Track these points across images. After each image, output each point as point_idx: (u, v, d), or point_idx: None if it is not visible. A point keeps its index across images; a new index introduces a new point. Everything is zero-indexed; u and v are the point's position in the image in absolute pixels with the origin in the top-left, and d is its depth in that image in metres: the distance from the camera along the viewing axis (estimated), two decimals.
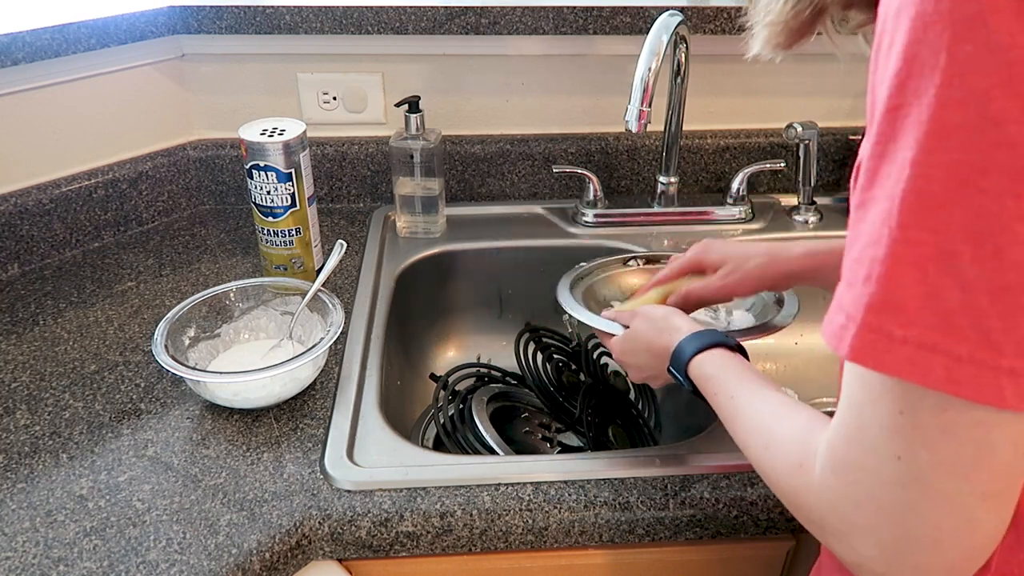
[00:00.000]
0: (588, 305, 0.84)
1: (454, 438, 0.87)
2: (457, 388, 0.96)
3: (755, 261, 0.75)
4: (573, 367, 1.01)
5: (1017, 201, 0.33)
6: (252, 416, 0.79)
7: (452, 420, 0.90)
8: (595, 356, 1.03)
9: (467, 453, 0.86)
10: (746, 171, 1.14)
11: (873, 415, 0.39)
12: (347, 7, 1.06)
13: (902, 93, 0.36)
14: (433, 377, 1.02)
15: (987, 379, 0.35)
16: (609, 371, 1.04)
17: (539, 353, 0.99)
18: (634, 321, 0.73)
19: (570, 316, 1.00)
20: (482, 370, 1.03)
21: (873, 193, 0.38)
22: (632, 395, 1.03)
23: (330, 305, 0.84)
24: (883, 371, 0.37)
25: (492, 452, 0.85)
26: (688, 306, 0.78)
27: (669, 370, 0.66)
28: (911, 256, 0.36)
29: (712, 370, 0.61)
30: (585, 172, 1.13)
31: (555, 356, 1.01)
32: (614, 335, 0.75)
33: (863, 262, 0.37)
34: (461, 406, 0.92)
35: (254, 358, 0.85)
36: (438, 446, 0.91)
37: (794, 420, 0.49)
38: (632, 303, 0.82)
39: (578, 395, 0.94)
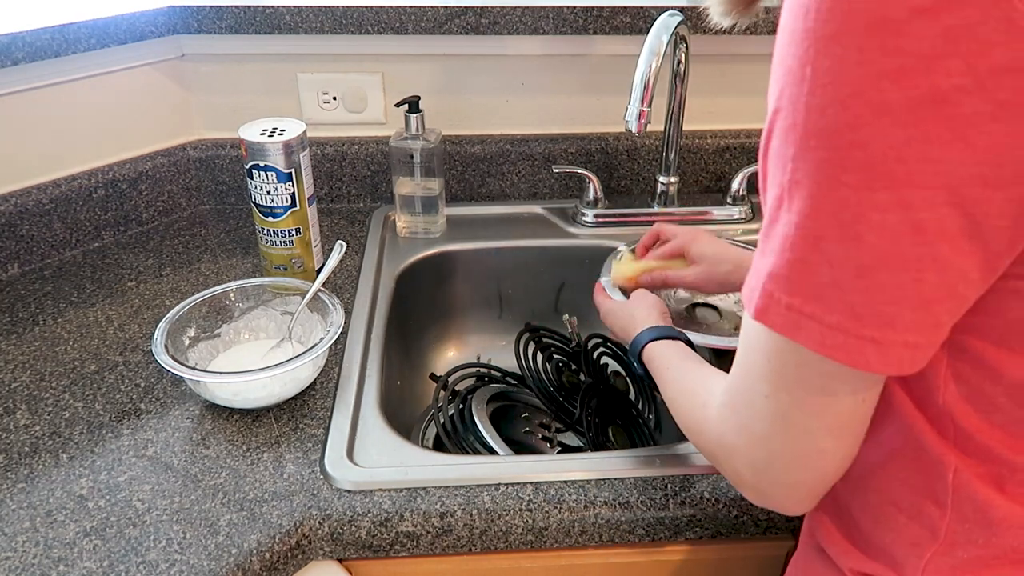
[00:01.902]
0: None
1: (454, 438, 0.87)
2: (457, 388, 0.96)
3: (723, 268, 0.87)
4: (573, 367, 1.01)
5: (871, 194, 0.38)
6: (252, 416, 0.79)
7: (452, 420, 0.90)
8: (595, 356, 1.03)
9: (467, 453, 0.86)
10: (746, 171, 1.14)
11: (754, 361, 0.47)
12: (347, 7, 1.06)
13: (781, 98, 0.41)
14: (433, 377, 1.02)
15: (854, 346, 0.41)
16: (609, 371, 1.04)
17: (539, 353, 0.99)
18: (632, 299, 0.84)
19: (569, 316, 1.00)
20: (482, 370, 1.03)
21: (768, 181, 0.44)
22: (632, 395, 1.03)
23: (330, 305, 0.84)
24: (776, 331, 0.44)
25: (492, 452, 0.85)
26: (665, 286, 0.93)
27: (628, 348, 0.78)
28: (793, 237, 0.41)
29: (657, 354, 0.71)
30: (585, 172, 1.13)
31: (555, 356, 1.01)
32: (612, 298, 0.89)
33: (766, 238, 0.44)
34: (461, 406, 0.92)
35: (254, 358, 0.85)
36: (438, 446, 0.91)
37: (707, 375, 0.60)
38: (619, 266, 0.96)
39: (578, 395, 0.94)
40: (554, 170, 1.14)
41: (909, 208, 0.38)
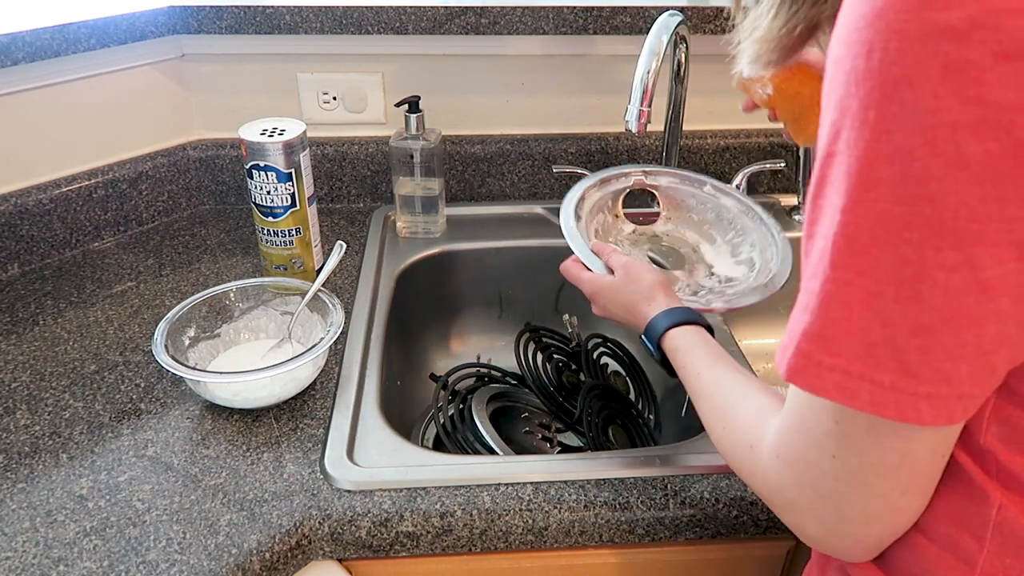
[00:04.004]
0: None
1: (454, 438, 0.87)
2: (457, 388, 0.96)
3: None
4: (573, 367, 1.01)
5: (936, 253, 0.36)
6: (252, 416, 0.79)
7: (452, 420, 0.90)
8: (595, 356, 1.03)
9: (467, 453, 0.86)
10: (746, 171, 1.14)
11: (816, 422, 0.44)
12: (347, 7, 1.06)
13: (836, 142, 0.38)
14: (433, 377, 1.02)
15: (907, 403, 0.39)
16: (609, 371, 1.04)
17: (539, 353, 0.99)
18: (620, 275, 0.76)
19: (569, 316, 1.00)
20: (482, 370, 1.03)
21: (814, 230, 0.41)
22: (632, 395, 1.03)
23: (330, 305, 0.84)
24: (812, 392, 0.42)
25: (492, 452, 0.85)
26: None
27: (641, 337, 0.71)
28: (841, 294, 0.39)
29: (682, 344, 0.66)
30: (585, 172, 1.13)
31: (555, 356, 1.01)
32: (591, 271, 0.79)
33: (805, 292, 0.42)
34: (461, 406, 0.92)
35: (254, 358, 0.85)
36: (438, 446, 0.91)
37: (750, 402, 0.54)
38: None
39: (578, 395, 0.94)
40: (554, 170, 1.14)
41: (976, 268, 0.36)
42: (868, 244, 0.38)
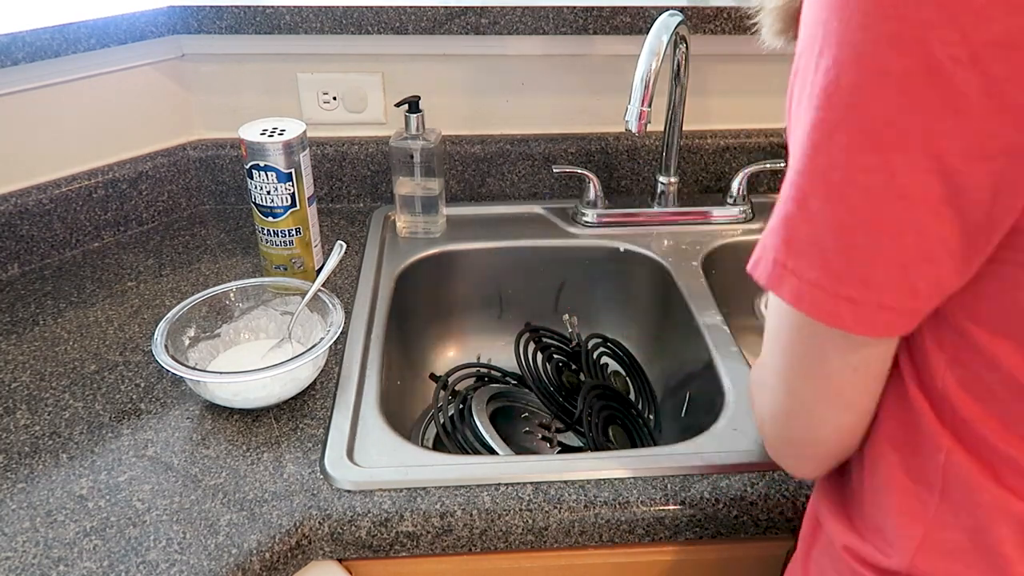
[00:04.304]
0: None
1: (454, 438, 0.87)
2: (457, 388, 0.96)
3: None
4: (573, 367, 1.01)
5: (860, 155, 0.40)
6: (252, 416, 0.79)
7: (452, 420, 0.90)
8: (595, 356, 1.03)
9: (467, 453, 0.86)
10: (746, 171, 1.14)
11: (770, 325, 0.50)
12: (347, 7, 1.06)
13: (798, 59, 0.43)
14: (433, 377, 1.02)
15: (829, 303, 0.43)
16: (609, 371, 1.04)
17: (539, 353, 0.99)
18: None
19: (569, 315, 0.99)
20: (482, 370, 1.03)
21: (789, 146, 0.45)
22: (632, 395, 1.03)
23: (330, 305, 0.84)
24: (761, 284, 0.46)
25: (492, 452, 0.85)
26: None
27: None
28: (788, 193, 0.43)
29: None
30: (585, 172, 1.13)
31: (555, 356, 1.01)
32: None
33: (778, 199, 0.45)
34: (461, 406, 0.92)
35: (254, 358, 0.85)
36: (438, 446, 0.91)
37: None
38: None
39: (578, 395, 0.94)
40: (554, 170, 1.14)
41: (894, 173, 0.39)
42: (808, 148, 0.42)
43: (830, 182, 0.41)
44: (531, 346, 0.99)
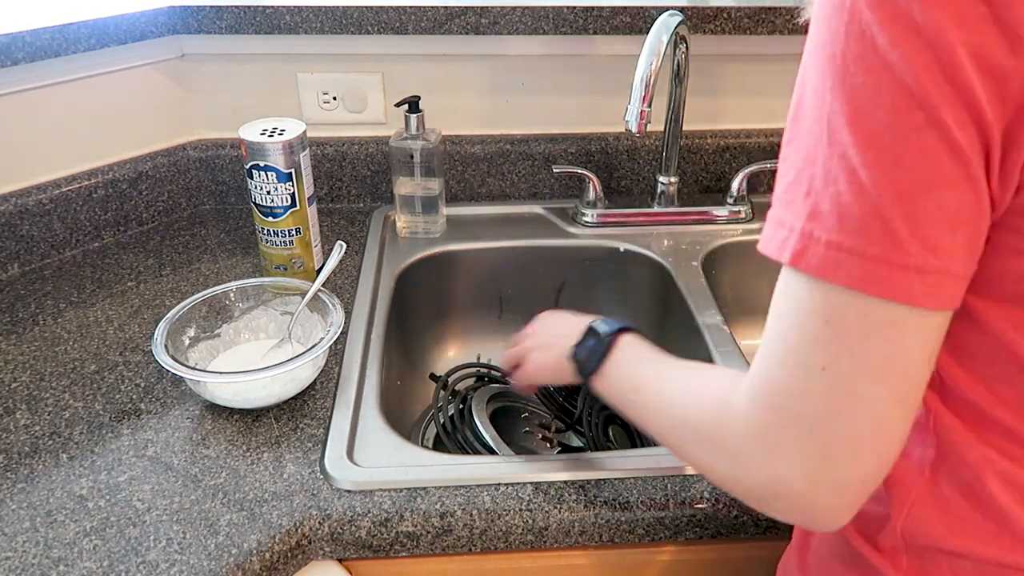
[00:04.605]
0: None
1: (454, 438, 0.87)
2: (457, 388, 0.96)
3: None
4: None
5: (907, 114, 0.38)
6: (252, 416, 0.79)
7: (452, 420, 0.90)
8: None
9: (467, 453, 0.86)
10: (746, 171, 1.14)
11: (801, 333, 0.43)
12: (347, 7, 1.06)
13: (819, 33, 0.42)
14: (433, 377, 1.02)
15: (898, 277, 0.39)
16: None
17: None
18: (546, 315, 0.79)
19: None
20: (482, 370, 1.03)
21: (801, 126, 0.43)
22: None
23: (330, 305, 0.84)
24: (811, 273, 0.41)
25: (492, 452, 0.85)
26: None
27: (580, 343, 0.68)
28: (834, 172, 0.40)
29: (634, 346, 0.64)
30: (585, 172, 1.13)
31: None
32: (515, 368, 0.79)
33: (801, 181, 0.42)
34: (461, 406, 0.92)
35: (254, 358, 0.85)
36: (438, 446, 0.91)
37: (716, 374, 0.55)
38: None
39: (578, 395, 0.93)
40: (554, 170, 1.14)
41: (944, 128, 0.38)
42: (849, 118, 0.40)
43: (880, 147, 0.39)
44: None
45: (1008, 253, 0.42)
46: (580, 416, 0.90)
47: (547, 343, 0.74)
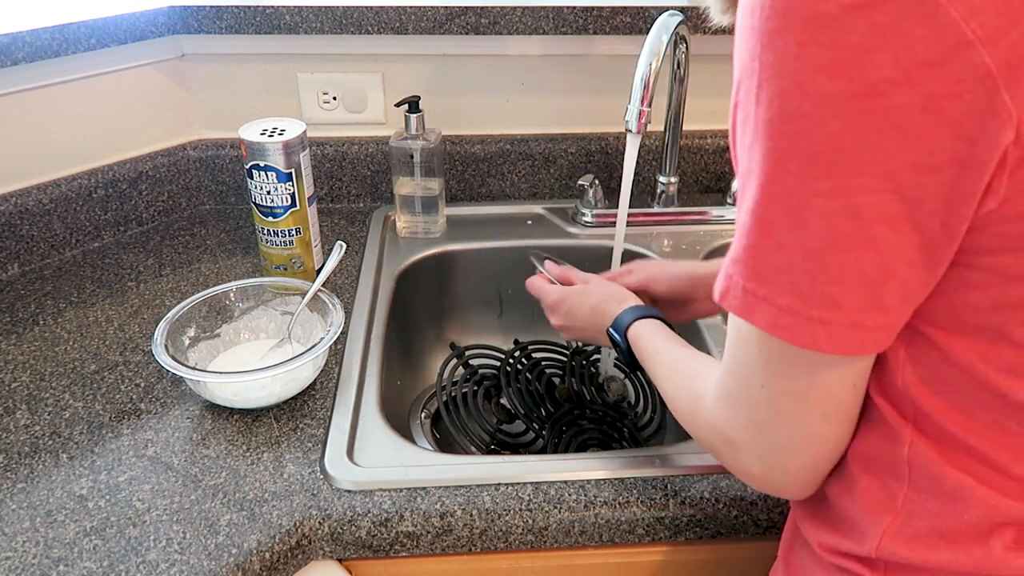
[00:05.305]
0: None
1: (454, 415, 0.89)
2: (477, 368, 0.98)
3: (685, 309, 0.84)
4: (572, 376, 1.01)
5: (813, 181, 0.40)
6: (252, 416, 0.79)
7: (455, 401, 0.91)
8: (590, 359, 1.03)
9: (464, 435, 0.88)
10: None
11: (744, 353, 0.49)
12: (347, 7, 1.06)
13: (738, 92, 0.44)
14: (452, 347, 1.03)
15: (803, 327, 0.43)
16: (606, 376, 1.03)
17: (528, 373, 0.99)
18: (590, 282, 0.82)
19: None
20: (499, 354, 1.02)
21: (738, 171, 0.46)
22: (632, 398, 1.02)
23: (330, 305, 0.84)
24: (735, 313, 0.46)
25: (488, 443, 0.86)
26: None
27: (608, 331, 0.75)
28: (748, 223, 0.44)
29: (645, 331, 0.71)
30: (585, 173, 1.13)
31: (547, 371, 1.01)
32: (554, 285, 0.84)
33: (737, 224, 0.46)
34: (471, 389, 0.94)
35: (254, 358, 0.85)
36: (436, 422, 0.92)
37: (701, 366, 0.61)
38: None
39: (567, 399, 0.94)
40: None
41: (849, 194, 0.40)
42: (763, 178, 0.42)
43: (789, 209, 0.42)
44: (518, 366, 0.99)
45: (966, 288, 0.44)
46: (546, 447, 0.91)
47: (577, 327, 0.80)
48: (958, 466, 0.47)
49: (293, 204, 0.95)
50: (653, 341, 0.69)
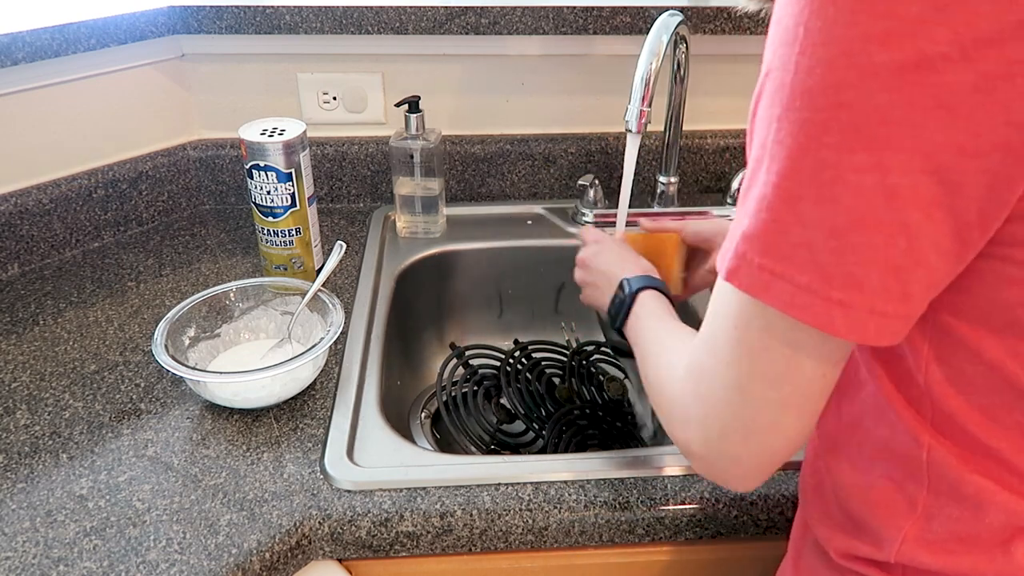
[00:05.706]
0: None
1: (454, 415, 0.88)
2: (477, 368, 0.97)
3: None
4: (573, 376, 1.01)
5: (851, 155, 0.39)
6: (252, 416, 0.79)
7: (455, 401, 0.91)
8: (591, 359, 1.03)
9: (464, 434, 0.88)
10: (746, 171, 1.14)
11: (720, 327, 0.47)
12: (347, 7, 1.06)
13: (772, 60, 0.42)
14: (453, 347, 1.03)
15: (821, 308, 0.41)
16: (607, 378, 1.03)
17: (528, 373, 0.99)
18: (626, 242, 0.83)
19: (566, 323, 0.99)
20: (499, 354, 1.02)
21: (754, 144, 0.44)
22: (631, 399, 1.02)
23: (330, 305, 0.84)
24: (744, 290, 0.44)
25: (488, 441, 0.86)
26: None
27: (624, 279, 0.74)
28: (771, 197, 0.42)
29: (648, 298, 0.71)
30: (585, 173, 1.13)
31: (547, 371, 1.01)
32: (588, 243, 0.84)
33: (744, 201, 0.45)
34: (472, 389, 0.93)
35: (254, 358, 0.85)
36: (436, 422, 0.92)
37: (684, 335, 0.60)
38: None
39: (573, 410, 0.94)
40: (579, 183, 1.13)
41: (886, 172, 0.38)
42: (794, 150, 0.40)
43: (821, 183, 0.40)
44: (518, 366, 0.99)
45: (1001, 283, 0.42)
46: (545, 447, 0.90)
47: (596, 283, 0.80)
48: (978, 470, 0.46)
49: (293, 204, 0.95)
50: (652, 308, 0.69)
